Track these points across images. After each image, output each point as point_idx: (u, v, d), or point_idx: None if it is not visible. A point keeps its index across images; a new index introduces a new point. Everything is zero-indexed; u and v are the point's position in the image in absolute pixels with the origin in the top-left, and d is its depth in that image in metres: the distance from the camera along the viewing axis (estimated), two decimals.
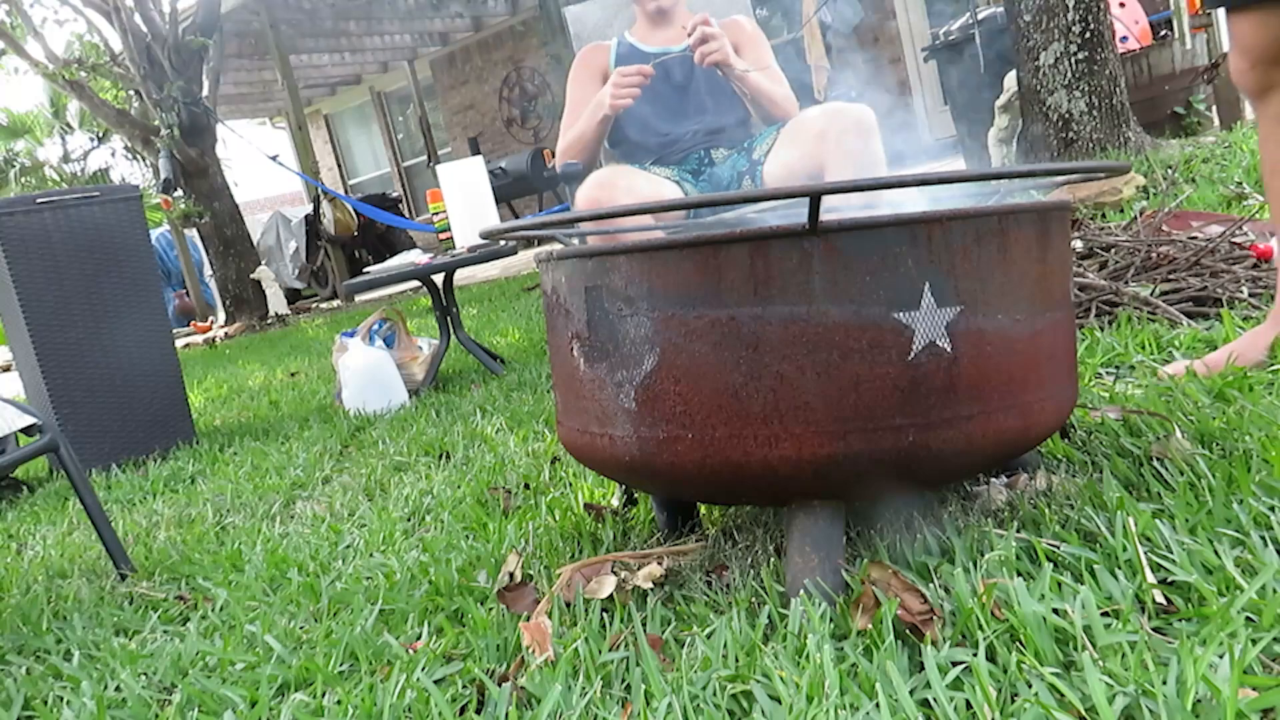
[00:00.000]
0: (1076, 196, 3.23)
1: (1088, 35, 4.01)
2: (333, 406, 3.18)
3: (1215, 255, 2.10)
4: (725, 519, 1.33)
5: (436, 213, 3.43)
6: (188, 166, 8.59)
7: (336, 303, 9.89)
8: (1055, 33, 4.04)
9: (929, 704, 0.81)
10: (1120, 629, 0.85)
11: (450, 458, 2.11)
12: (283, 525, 1.88)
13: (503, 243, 3.11)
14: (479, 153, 10.88)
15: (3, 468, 1.62)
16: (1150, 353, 1.74)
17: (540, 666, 1.00)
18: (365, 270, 3.56)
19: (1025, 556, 1.02)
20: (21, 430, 1.75)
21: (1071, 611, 0.87)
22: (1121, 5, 5.13)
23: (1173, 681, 0.75)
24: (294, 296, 11.03)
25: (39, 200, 2.80)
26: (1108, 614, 0.89)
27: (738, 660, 0.94)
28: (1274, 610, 0.81)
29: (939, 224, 0.97)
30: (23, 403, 2.02)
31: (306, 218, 10.88)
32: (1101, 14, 4.03)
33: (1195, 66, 4.57)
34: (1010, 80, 4.65)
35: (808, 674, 0.86)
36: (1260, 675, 0.76)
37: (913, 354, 0.97)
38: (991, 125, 4.88)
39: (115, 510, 2.32)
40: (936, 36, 5.49)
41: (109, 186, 3.01)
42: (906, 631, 0.92)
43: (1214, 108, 4.69)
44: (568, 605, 1.13)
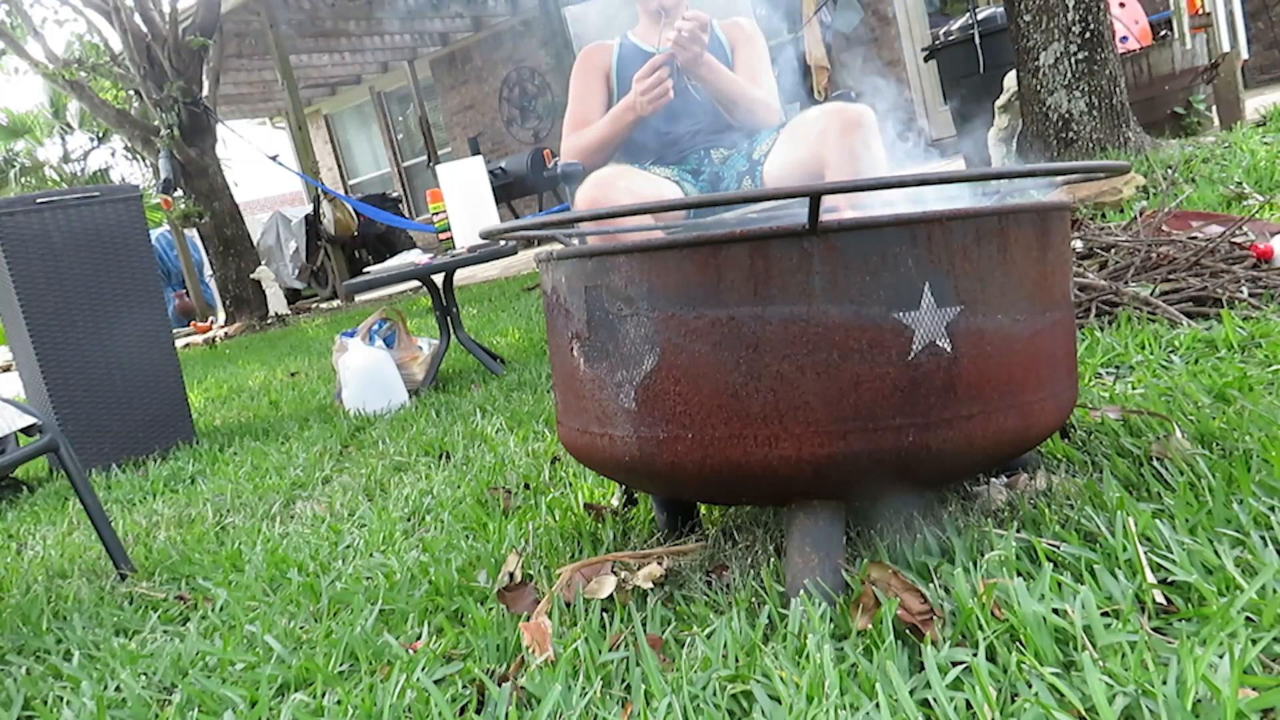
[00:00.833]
0: (1076, 196, 3.23)
1: (1087, 35, 4.01)
2: (333, 406, 3.18)
3: (1215, 255, 2.10)
4: (725, 519, 1.33)
5: (436, 213, 3.43)
6: (188, 166, 8.59)
7: (336, 303, 9.89)
8: (1055, 33, 4.04)
9: (929, 704, 0.81)
10: (1120, 629, 0.85)
11: (450, 458, 2.11)
12: (283, 525, 1.88)
13: (503, 243, 3.11)
14: (479, 153, 10.86)
15: (3, 468, 1.62)
16: (1150, 353, 1.74)
17: (540, 666, 1.00)
18: (365, 270, 3.56)
19: (1025, 556, 1.02)
20: (21, 430, 1.75)
21: (1071, 611, 0.87)
22: (1121, 5, 5.13)
23: (1173, 681, 0.75)
24: (294, 296, 11.03)
25: (39, 200, 2.80)
26: (1108, 614, 0.89)
27: (738, 660, 0.94)
28: (1274, 610, 0.81)
29: (939, 224, 0.97)
30: (23, 403, 2.02)
31: (306, 218, 10.87)
32: (1101, 14, 4.03)
33: (1195, 66, 4.56)
34: (1010, 80, 4.65)
35: (808, 674, 0.86)
36: (1260, 675, 0.76)
37: (913, 354, 0.97)
38: (991, 125, 4.88)
39: (115, 510, 2.32)
40: (936, 36, 5.49)
41: (109, 186, 3.01)
42: (906, 631, 0.92)
43: (1214, 108, 4.68)
44: (568, 605, 1.13)
